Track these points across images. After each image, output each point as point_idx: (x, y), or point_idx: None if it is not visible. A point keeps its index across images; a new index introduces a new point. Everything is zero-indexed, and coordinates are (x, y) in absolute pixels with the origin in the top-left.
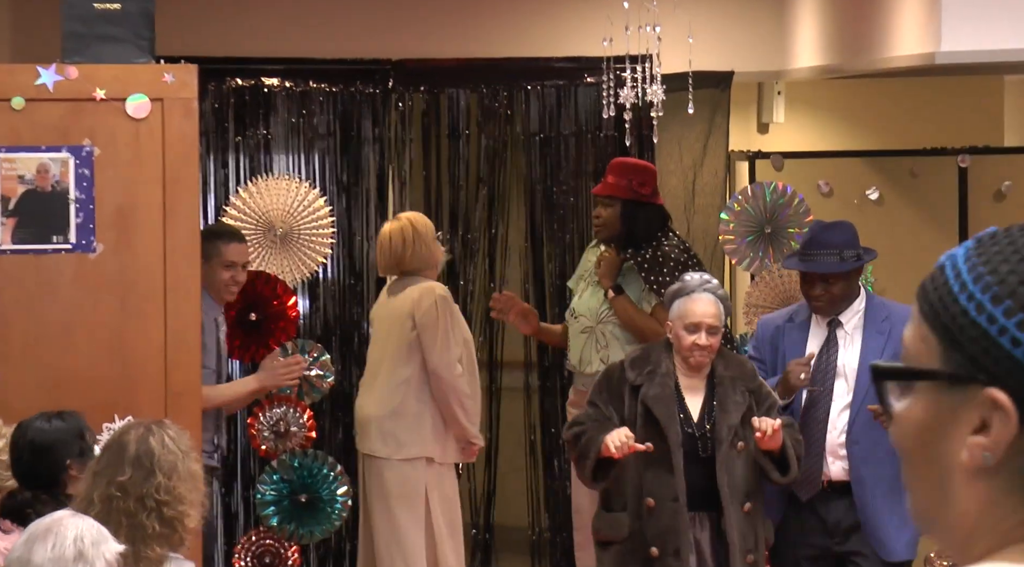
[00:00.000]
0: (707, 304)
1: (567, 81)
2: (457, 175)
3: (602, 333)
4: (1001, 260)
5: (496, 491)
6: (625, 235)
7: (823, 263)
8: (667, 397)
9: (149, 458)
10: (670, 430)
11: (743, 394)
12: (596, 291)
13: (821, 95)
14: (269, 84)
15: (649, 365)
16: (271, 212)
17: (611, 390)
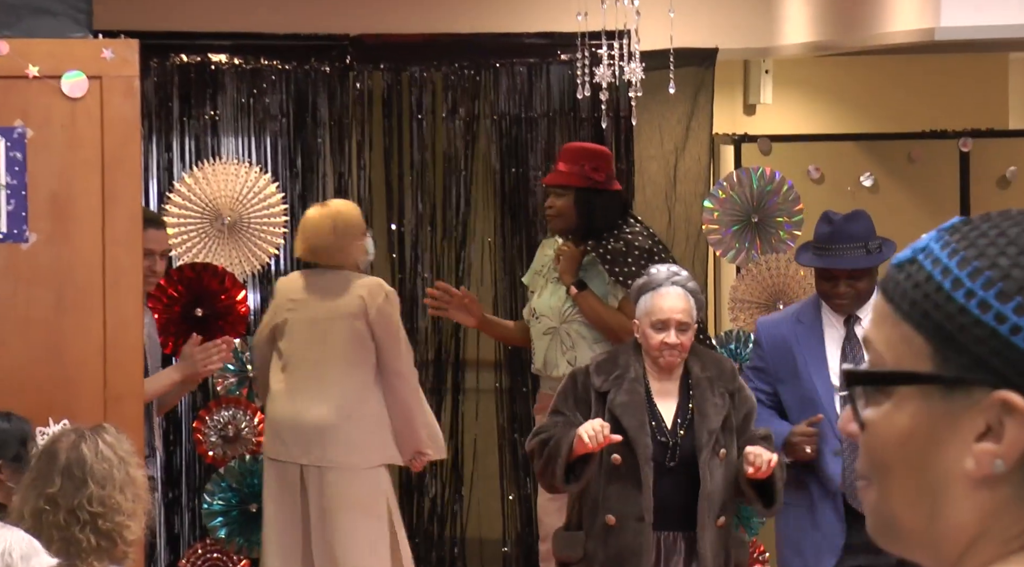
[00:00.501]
0: (676, 298)
1: (539, 59)
2: (421, 160)
3: (567, 333)
4: (997, 253)
5: (465, 500)
6: (582, 225)
7: (849, 258)
8: (636, 404)
9: (81, 467)
10: (639, 443)
11: (723, 396)
12: (557, 288)
13: (812, 74)
14: (216, 61)
15: (617, 369)
16: (219, 199)
17: (577, 397)
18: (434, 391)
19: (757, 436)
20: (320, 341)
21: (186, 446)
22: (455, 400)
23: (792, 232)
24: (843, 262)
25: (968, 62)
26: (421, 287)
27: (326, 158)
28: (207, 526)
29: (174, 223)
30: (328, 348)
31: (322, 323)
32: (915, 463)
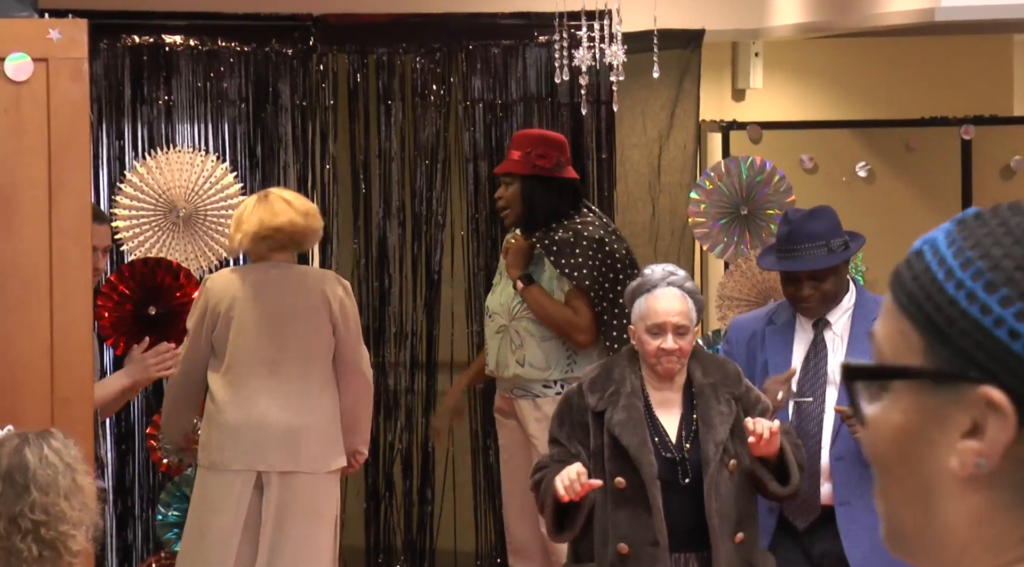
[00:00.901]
0: (672, 300)
1: (514, 41)
2: (388, 149)
3: (516, 331)
4: (992, 243)
5: (436, 511)
6: (527, 215)
7: (810, 259)
8: (636, 421)
9: (23, 473)
10: (643, 461)
11: (728, 403)
12: (507, 285)
13: (805, 57)
14: (171, 42)
15: (611, 384)
16: (173, 190)
17: (572, 421)
18: (405, 393)
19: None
20: (276, 339)
21: (139, 454)
22: (426, 404)
23: None
24: (801, 263)
25: (970, 44)
26: (389, 283)
27: (288, 146)
28: (161, 538)
29: (125, 215)
30: (286, 346)
31: (277, 320)
32: (909, 462)
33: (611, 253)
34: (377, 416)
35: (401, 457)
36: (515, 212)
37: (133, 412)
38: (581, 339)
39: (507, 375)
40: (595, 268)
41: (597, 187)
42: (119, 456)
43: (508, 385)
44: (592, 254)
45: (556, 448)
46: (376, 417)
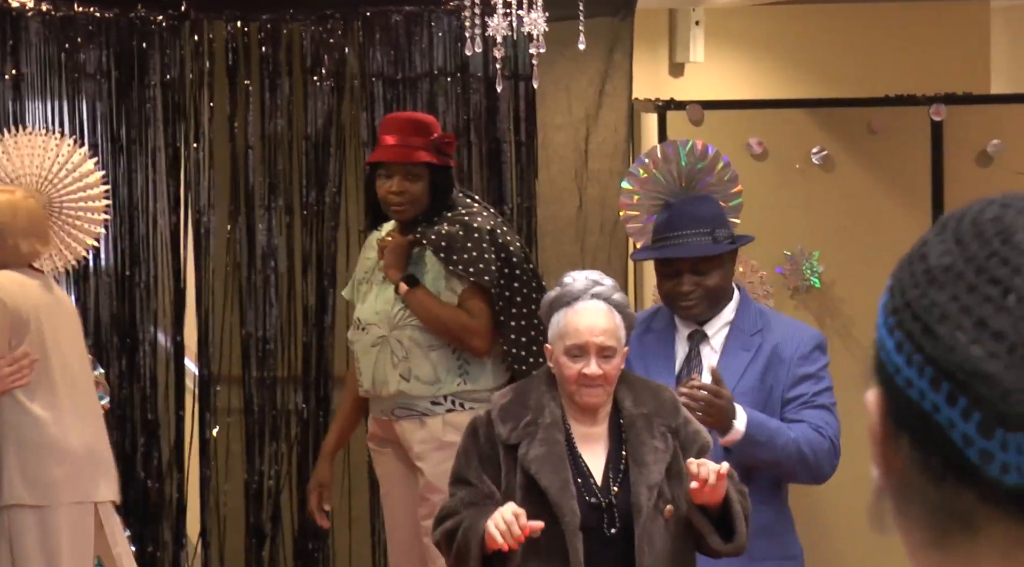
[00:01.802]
0: (596, 316)
1: (420, 7)
2: (274, 130)
3: (398, 341)
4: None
5: (329, 545)
6: (429, 212)
7: (694, 245)
8: (556, 458)
9: None
10: (564, 508)
11: (664, 437)
12: (384, 289)
13: (752, 26)
14: (18, 5)
15: (527, 412)
16: (23, 177)
17: (482, 455)
18: (293, 413)
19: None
20: (76, 354)
21: None
22: (318, 424)
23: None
24: (684, 250)
25: (941, 12)
26: (276, 284)
27: (157, 127)
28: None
29: None
30: (81, 361)
31: (68, 333)
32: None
33: (504, 246)
34: (261, 438)
35: (289, 486)
36: (417, 208)
37: None
38: (478, 344)
39: (387, 393)
40: (491, 263)
41: (516, 175)
42: None
43: (387, 406)
44: (486, 247)
45: (465, 489)
46: (260, 440)
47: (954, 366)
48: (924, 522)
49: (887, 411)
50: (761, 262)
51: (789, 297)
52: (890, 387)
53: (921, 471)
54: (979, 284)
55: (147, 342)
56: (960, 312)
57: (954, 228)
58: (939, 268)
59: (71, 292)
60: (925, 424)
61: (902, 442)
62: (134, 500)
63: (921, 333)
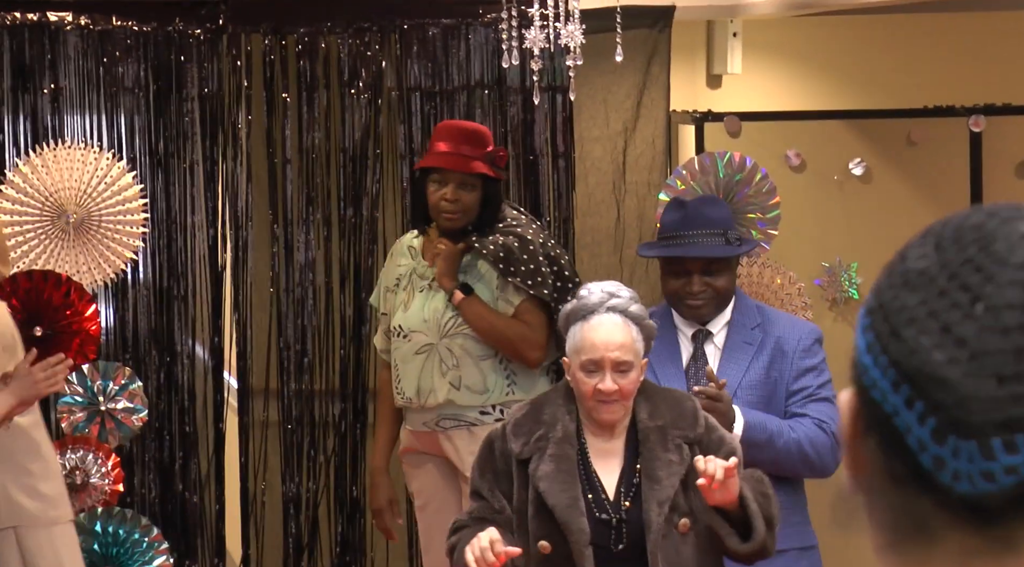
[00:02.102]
0: (611, 330)
1: (456, 19)
2: (311, 143)
3: (448, 349)
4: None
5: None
6: (479, 223)
7: (705, 245)
8: (566, 474)
9: None
10: (572, 526)
11: (679, 449)
12: (431, 297)
13: (790, 38)
14: (57, 20)
15: (540, 427)
16: (62, 192)
17: (496, 470)
18: (331, 426)
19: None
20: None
21: None
22: (355, 436)
23: (767, 231)
24: (699, 250)
25: (981, 22)
26: (313, 297)
27: (195, 141)
28: None
29: (7, 221)
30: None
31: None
32: None
33: (556, 259)
34: (299, 451)
35: (327, 499)
36: (468, 218)
37: None
38: (536, 356)
39: (434, 403)
40: (548, 276)
41: (553, 188)
42: None
43: (431, 417)
44: (542, 260)
45: (477, 503)
46: (298, 453)
47: (914, 369)
48: (886, 525)
49: (857, 411)
50: (799, 274)
51: (827, 309)
52: (859, 387)
53: (885, 474)
54: (949, 289)
55: (185, 355)
56: (927, 316)
57: (937, 232)
58: (914, 271)
59: (109, 305)
60: (887, 426)
61: (869, 443)
62: (172, 513)
63: (889, 334)
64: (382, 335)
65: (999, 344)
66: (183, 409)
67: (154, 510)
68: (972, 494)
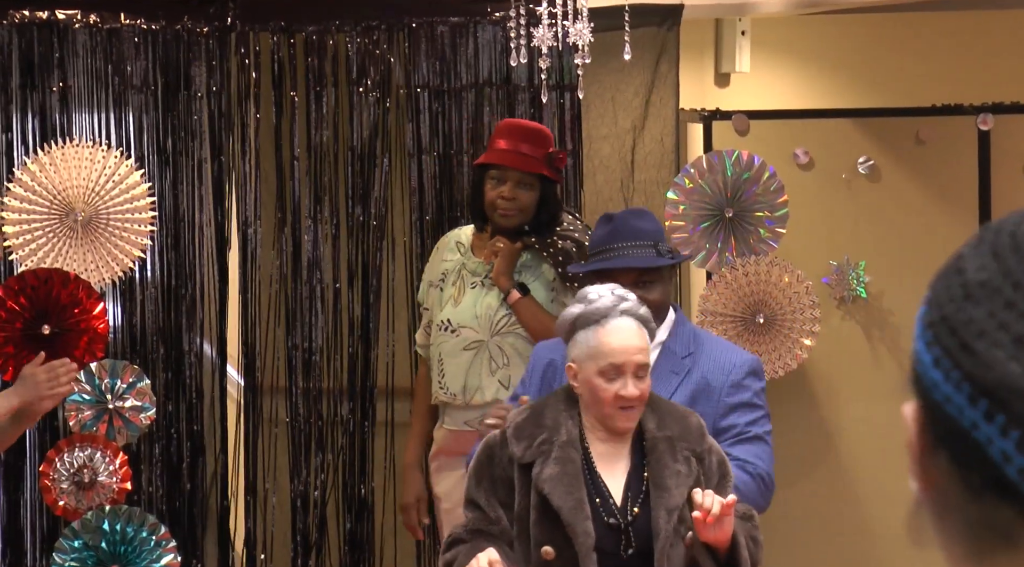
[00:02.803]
0: (630, 334)
1: (464, 17)
2: (319, 141)
3: (499, 347)
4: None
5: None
6: (534, 224)
7: (638, 256)
8: (571, 477)
9: None
10: (577, 528)
11: (687, 461)
12: (484, 294)
13: (798, 36)
14: (65, 18)
15: (542, 431)
16: (70, 190)
17: (494, 477)
18: (339, 424)
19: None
20: None
21: (31, 494)
22: (363, 435)
23: (774, 229)
24: (630, 260)
25: (989, 21)
26: (321, 295)
27: (203, 139)
28: None
29: (15, 220)
30: None
31: None
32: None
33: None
34: (307, 449)
35: (335, 497)
36: (524, 217)
37: (25, 444)
38: None
39: (480, 401)
40: None
41: (562, 186)
42: (8, 498)
43: (475, 416)
44: None
45: (473, 513)
46: (306, 451)
47: (992, 383)
48: (964, 536)
49: (925, 425)
50: (807, 272)
51: (835, 307)
52: (928, 402)
53: (960, 486)
54: (1017, 300)
55: (193, 353)
56: (998, 328)
57: (991, 241)
58: (976, 283)
59: (117, 304)
60: (963, 440)
61: (940, 457)
62: (180, 512)
63: (959, 349)
64: (423, 331)
65: None
66: (191, 407)
67: (162, 508)
68: None
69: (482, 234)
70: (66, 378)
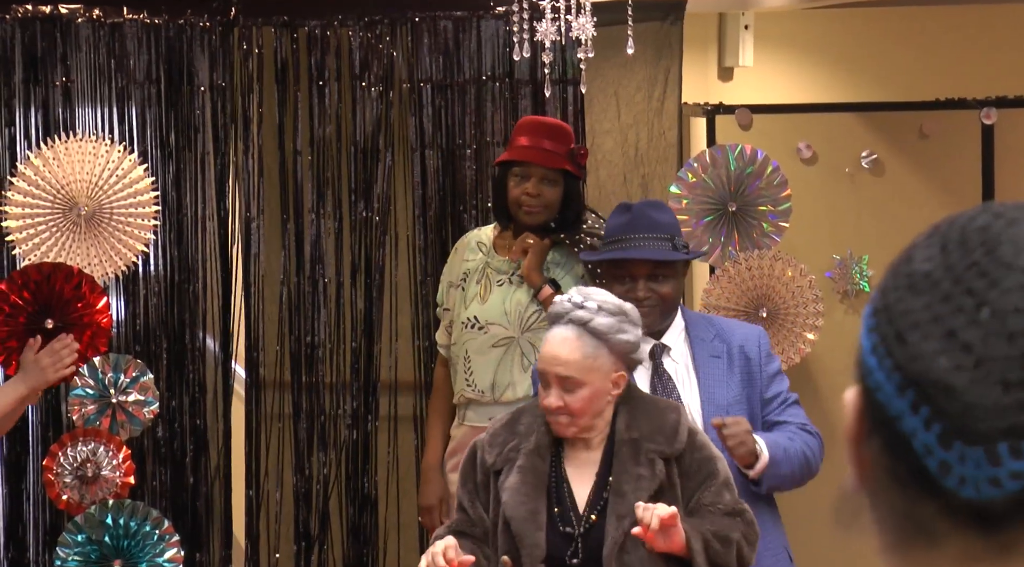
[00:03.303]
0: (560, 344)
1: (467, 12)
2: (322, 136)
3: (531, 343)
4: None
5: (379, 555)
6: (559, 221)
7: (653, 248)
8: (530, 487)
9: None
10: (525, 538)
11: (651, 464)
12: (513, 291)
13: (801, 30)
14: (68, 13)
15: (514, 437)
16: (73, 184)
17: (476, 481)
18: (342, 418)
19: (720, 513)
20: None
21: (34, 488)
22: (365, 429)
23: (778, 223)
24: (645, 252)
25: (993, 15)
26: (324, 294)
27: (206, 134)
28: None
29: (18, 214)
30: None
31: None
32: None
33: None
34: (310, 444)
35: (337, 492)
36: (548, 214)
37: (28, 438)
38: None
39: (512, 397)
40: None
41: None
42: (10, 491)
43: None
44: None
45: (459, 514)
46: (309, 446)
47: (919, 375)
48: (890, 525)
49: (862, 412)
50: (810, 266)
51: (839, 301)
52: (864, 388)
53: (889, 475)
54: (954, 294)
55: (196, 348)
56: (931, 321)
57: (943, 234)
58: (919, 274)
59: (120, 298)
60: (891, 429)
61: (874, 444)
62: (183, 506)
63: (894, 338)
64: (443, 331)
65: (1005, 350)
66: (194, 402)
67: (165, 502)
68: (977, 499)
69: (505, 232)
70: (69, 358)
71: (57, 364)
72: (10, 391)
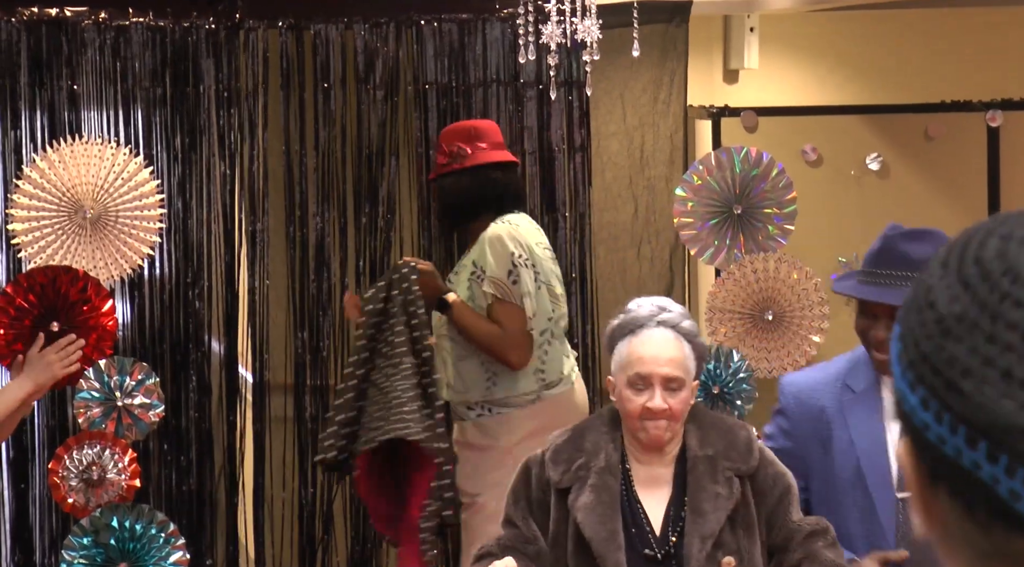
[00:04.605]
0: (662, 344)
1: (472, 14)
2: (328, 139)
3: (442, 348)
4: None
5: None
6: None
7: (896, 291)
8: (606, 506)
9: None
10: (607, 558)
11: (729, 482)
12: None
13: (807, 33)
14: (74, 16)
15: (581, 455)
16: (79, 187)
17: (531, 498)
18: None
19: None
20: None
21: (40, 492)
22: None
23: (783, 226)
24: (888, 295)
25: (998, 16)
26: (329, 293)
27: (211, 136)
28: None
29: (23, 217)
30: None
31: None
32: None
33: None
34: (315, 447)
35: (342, 494)
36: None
37: (33, 441)
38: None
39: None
40: None
41: (570, 183)
42: (16, 494)
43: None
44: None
45: (509, 530)
46: (313, 448)
47: (988, 424)
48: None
49: (920, 463)
50: (816, 269)
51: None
52: (922, 442)
53: (965, 520)
54: (996, 332)
55: (201, 351)
56: (983, 365)
57: (957, 268)
58: (952, 317)
59: (126, 301)
60: (966, 479)
61: (940, 492)
62: (188, 509)
63: (945, 389)
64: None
65: None
66: (199, 405)
67: (170, 505)
68: None
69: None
70: (76, 355)
71: (64, 360)
72: (14, 390)
